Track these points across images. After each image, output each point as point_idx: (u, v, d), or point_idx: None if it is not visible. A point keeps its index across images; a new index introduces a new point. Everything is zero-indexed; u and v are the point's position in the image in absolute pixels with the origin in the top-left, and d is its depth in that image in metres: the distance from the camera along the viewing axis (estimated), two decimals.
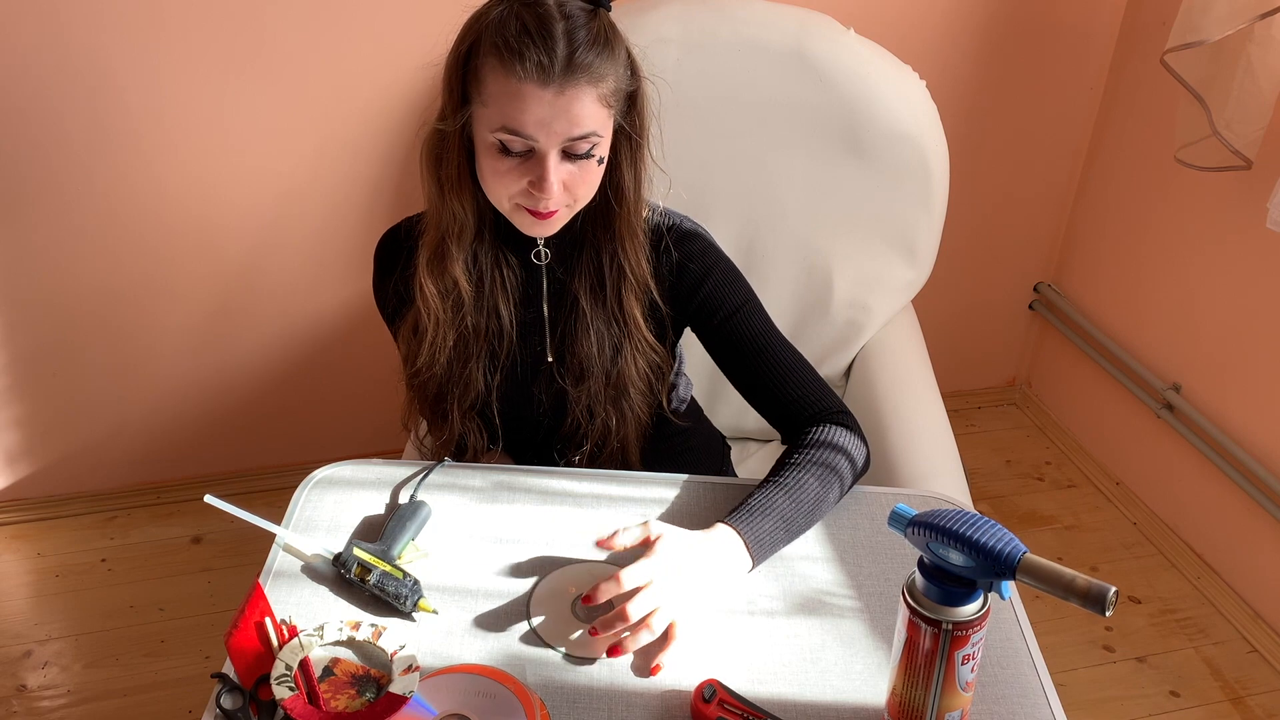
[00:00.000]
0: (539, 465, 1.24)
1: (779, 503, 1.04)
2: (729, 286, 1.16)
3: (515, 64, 0.96)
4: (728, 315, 1.15)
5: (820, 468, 1.08)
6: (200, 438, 2.16)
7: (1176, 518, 2.15)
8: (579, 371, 1.16)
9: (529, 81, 0.96)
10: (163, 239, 1.92)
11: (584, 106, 0.99)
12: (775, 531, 1.03)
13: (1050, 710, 0.93)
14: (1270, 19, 1.64)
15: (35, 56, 1.71)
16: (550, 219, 1.05)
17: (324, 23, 1.79)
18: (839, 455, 1.09)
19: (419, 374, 1.18)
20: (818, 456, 1.08)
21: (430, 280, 1.12)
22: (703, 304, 1.16)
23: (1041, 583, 0.78)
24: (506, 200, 1.05)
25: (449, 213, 1.09)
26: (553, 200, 1.02)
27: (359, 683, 0.93)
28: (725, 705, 0.89)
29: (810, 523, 1.07)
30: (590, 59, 0.97)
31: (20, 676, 1.82)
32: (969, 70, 2.09)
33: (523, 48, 0.96)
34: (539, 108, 0.97)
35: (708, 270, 1.15)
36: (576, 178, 1.03)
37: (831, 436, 1.10)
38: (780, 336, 1.17)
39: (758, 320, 1.16)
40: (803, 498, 1.05)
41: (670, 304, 1.16)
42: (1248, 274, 1.90)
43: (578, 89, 0.97)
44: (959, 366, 2.47)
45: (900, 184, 1.61)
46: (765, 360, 1.15)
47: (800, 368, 1.16)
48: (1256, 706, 1.82)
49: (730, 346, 1.16)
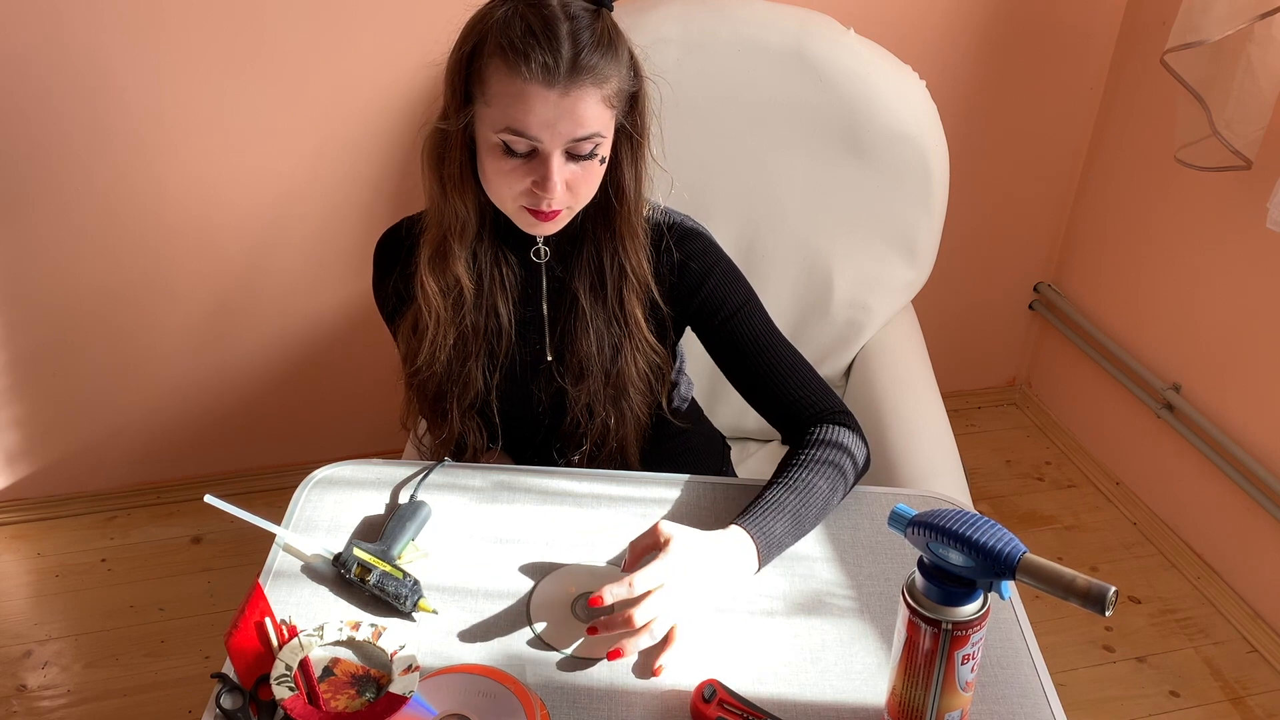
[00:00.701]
0: (539, 464, 1.24)
1: (789, 504, 1.04)
2: (730, 286, 1.16)
3: (520, 65, 0.96)
4: (729, 315, 1.15)
5: (826, 466, 1.08)
6: (200, 438, 2.16)
7: (1176, 518, 2.15)
8: (578, 370, 1.16)
9: (534, 82, 0.96)
10: (163, 239, 1.92)
11: (588, 108, 0.99)
12: (785, 534, 1.04)
13: (1050, 710, 0.93)
14: (1270, 19, 1.64)
15: (36, 57, 1.71)
16: (553, 219, 1.05)
17: (325, 23, 1.79)
18: (843, 455, 1.09)
19: (418, 373, 1.18)
20: (823, 455, 1.09)
21: (432, 278, 1.12)
22: (704, 303, 1.16)
23: (1041, 583, 0.78)
24: (510, 200, 1.05)
25: (451, 211, 1.09)
26: (556, 200, 1.02)
27: (359, 683, 0.93)
28: (725, 705, 0.89)
29: (816, 523, 1.08)
30: (595, 60, 0.97)
31: (20, 676, 1.82)
32: (969, 70, 2.09)
33: (528, 49, 0.96)
34: (544, 109, 0.97)
35: (709, 270, 1.15)
36: (579, 178, 1.03)
37: (835, 436, 1.10)
38: (781, 337, 1.17)
39: (758, 320, 1.16)
40: (811, 499, 1.05)
41: (671, 304, 1.16)
42: (1248, 274, 1.90)
43: (582, 90, 0.98)
44: (959, 366, 2.47)
45: (900, 184, 1.61)
46: (766, 360, 1.15)
47: (801, 368, 1.16)
48: (1256, 706, 1.82)
49: (731, 346, 1.16)
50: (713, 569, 0.99)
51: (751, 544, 1.01)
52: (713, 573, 0.99)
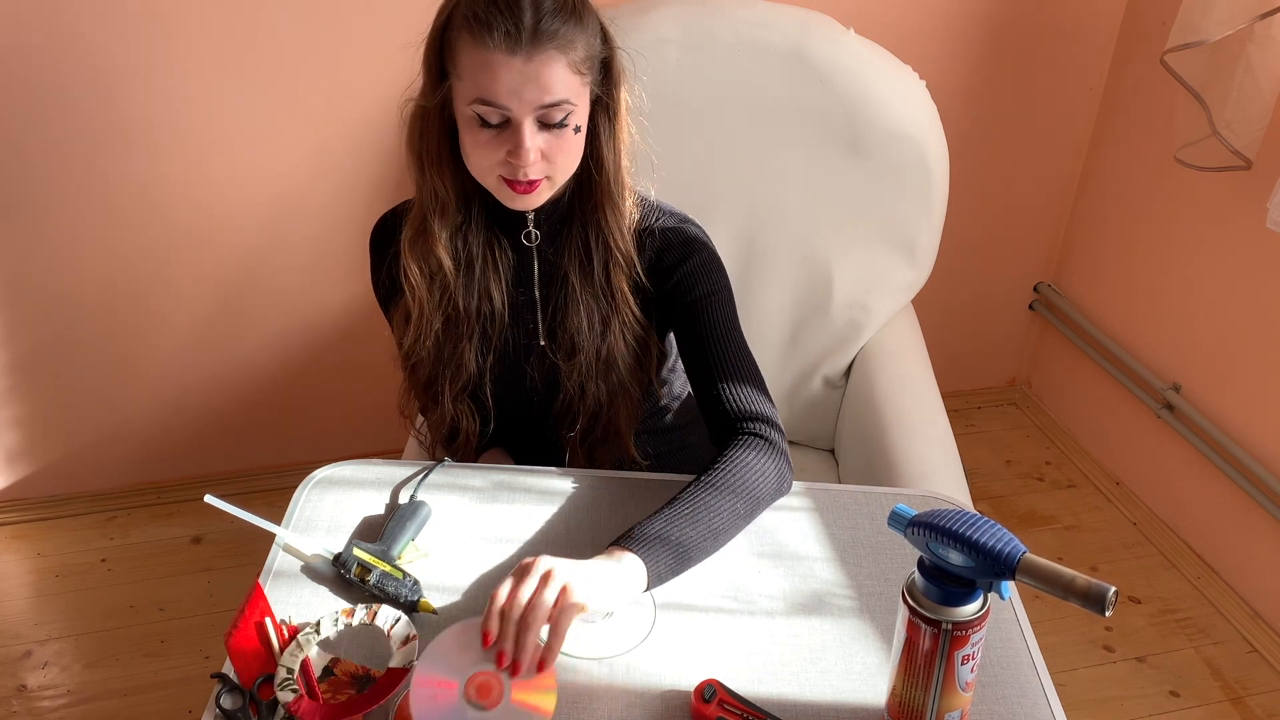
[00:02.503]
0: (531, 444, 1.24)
1: (676, 525, 0.99)
2: (706, 272, 1.16)
3: (484, 35, 0.98)
4: (696, 298, 1.15)
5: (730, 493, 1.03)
6: (200, 438, 2.16)
7: (1176, 518, 2.15)
8: (570, 347, 1.17)
9: (498, 50, 0.98)
10: (163, 239, 1.92)
11: (554, 73, 1.00)
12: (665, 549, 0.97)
13: (1050, 710, 0.93)
14: (1270, 19, 1.64)
15: (36, 57, 1.71)
16: (532, 190, 1.06)
17: (326, 23, 1.79)
18: (754, 477, 1.05)
19: (409, 357, 1.19)
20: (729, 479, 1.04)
21: (413, 260, 1.13)
22: (678, 283, 1.16)
23: (1041, 583, 0.78)
24: (488, 173, 1.06)
25: (430, 190, 1.10)
26: (531, 169, 1.03)
27: (359, 682, 0.93)
28: (725, 705, 0.89)
29: (714, 545, 1.02)
30: (557, 26, 0.99)
31: (20, 676, 1.82)
32: (969, 70, 2.09)
33: (490, 18, 0.98)
34: (509, 75, 0.99)
35: (690, 253, 1.16)
36: (554, 146, 1.04)
37: (748, 457, 1.06)
38: (740, 336, 1.17)
39: (723, 313, 1.16)
40: (703, 516, 1.00)
41: (652, 284, 1.16)
42: (1248, 274, 1.90)
43: (546, 55, 0.99)
44: (959, 366, 2.47)
45: (900, 184, 1.61)
46: (716, 350, 1.15)
47: (746, 370, 1.15)
48: (1256, 706, 1.82)
49: (690, 329, 1.16)
50: (585, 563, 0.92)
51: (639, 563, 0.95)
52: (587, 564, 0.92)
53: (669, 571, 0.97)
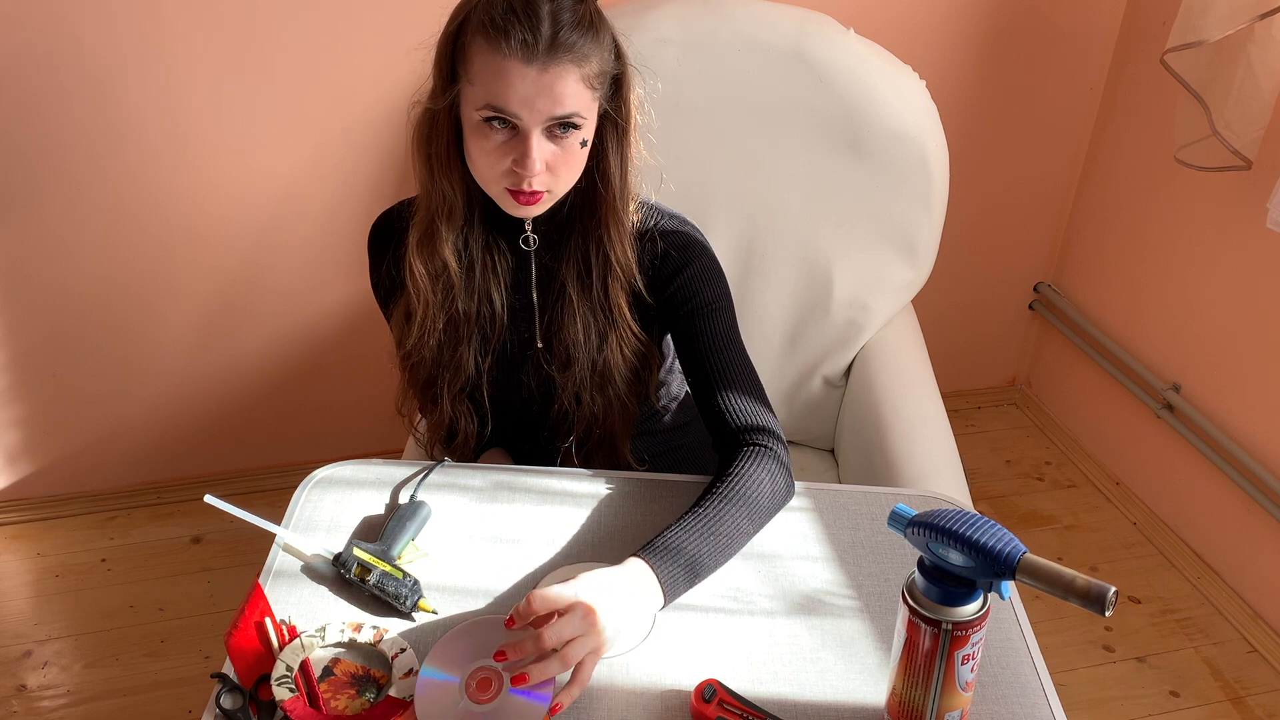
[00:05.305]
0: (529, 451, 1.24)
1: (693, 542, 1.00)
2: (705, 281, 1.16)
3: (501, 42, 0.97)
4: (696, 307, 1.15)
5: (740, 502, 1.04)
6: (200, 438, 2.16)
7: (1176, 518, 2.15)
8: (565, 358, 1.17)
9: (513, 59, 0.98)
10: (163, 239, 1.92)
11: (567, 85, 0.99)
12: (685, 575, 0.99)
13: (1050, 710, 0.93)
14: (1270, 19, 1.64)
15: (37, 56, 1.71)
16: (534, 201, 1.06)
17: (327, 23, 1.79)
18: (760, 488, 1.06)
19: (409, 357, 1.19)
20: (739, 489, 1.05)
21: (419, 261, 1.13)
22: (676, 291, 1.16)
23: (1041, 583, 0.78)
24: (493, 181, 1.05)
25: (438, 192, 1.10)
26: (536, 180, 1.03)
27: (359, 683, 0.93)
28: (725, 705, 0.89)
29: (725, 560, 1.03)
30: (574, 39, 0.99)
31: (20, 676, 1.82)
32: (969, 70, 2.09)
33: (508, 25, 0.97)
34: (522, 85, 0.98)
35: (689, 261, 1.16)
36: (560, 159, 1.04)
37: (754, 468, 1.07)
38: (740, 346, 1.17)
39: (722, 322, 1.16)
40: (720, 535, 1.02)
41: (651, 292, 1.16)
42: (1248, 274, 1.90)
43: (561, 68, 0.99)
44: (959, 366, 2.47)
45: (900, 184, 1.61)
46: (717, 361, 1.15)
47: (747, 380, 1.15)
48: (1256, 706, 1.82)
49: (690, 339, 1.16)
50: (622, 600, 0.93)
51: (654, 577, 0.97)
52: (622, 604, 0.93)
53: (683, 590, 1.00)
